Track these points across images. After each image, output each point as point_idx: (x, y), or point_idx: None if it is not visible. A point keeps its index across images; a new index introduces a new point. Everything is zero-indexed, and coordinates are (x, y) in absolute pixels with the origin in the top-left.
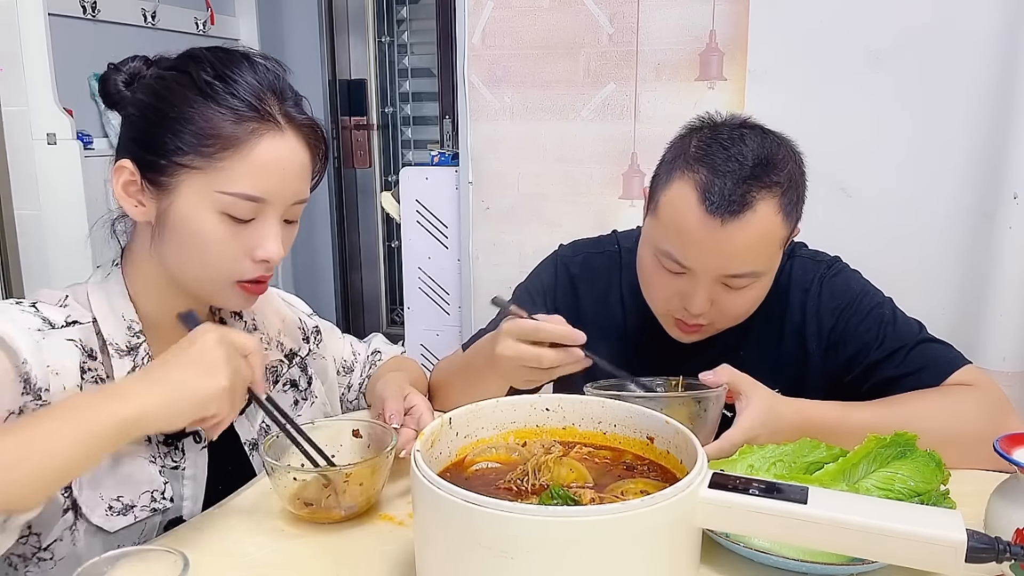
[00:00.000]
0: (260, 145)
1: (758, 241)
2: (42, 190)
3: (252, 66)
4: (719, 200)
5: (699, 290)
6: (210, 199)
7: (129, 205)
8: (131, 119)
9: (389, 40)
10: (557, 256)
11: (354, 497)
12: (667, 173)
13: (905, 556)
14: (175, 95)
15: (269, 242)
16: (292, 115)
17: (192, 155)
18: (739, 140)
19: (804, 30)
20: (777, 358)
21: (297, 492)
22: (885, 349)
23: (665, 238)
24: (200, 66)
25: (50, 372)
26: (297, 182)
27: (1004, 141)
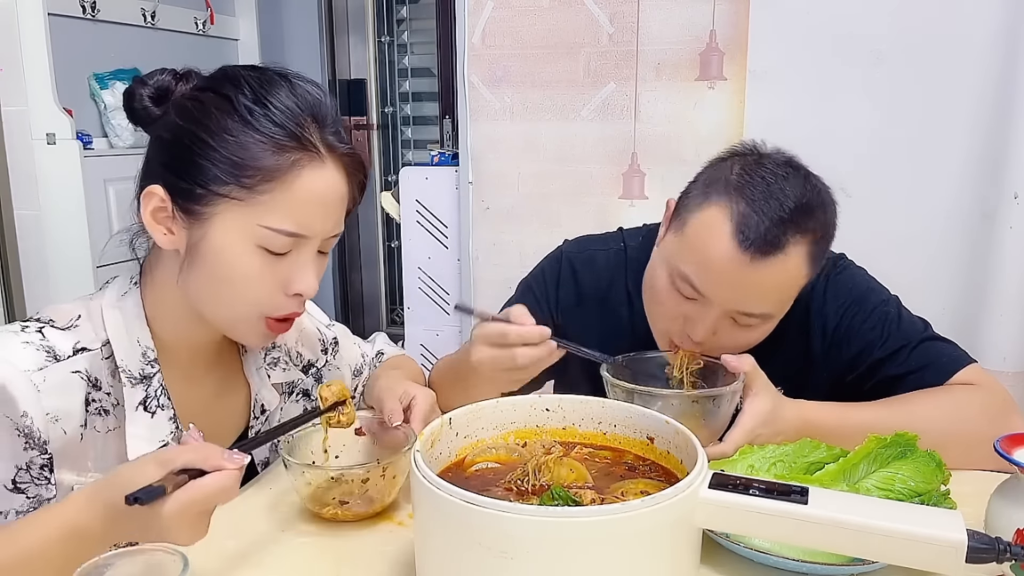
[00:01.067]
0: (302, 177)
1: (781, 285)
2: (42, 190)
3: (291, 88)
4: (754, 237)
5: (707, 320)
6: (250, 232)
7: (158, 233)
8: (162, 142)
9: (389, 40)
10: (562, 251)
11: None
12: (702, 195)
13: (905, 556)
14: (213, 120)
15: (306, 276)
16: (333, 144)
17: (232, 185)
18: (783, 179)
19: (804, 30)
20: (781, 355)
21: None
22: (889, 347)
23: (687, 261)
24: (239, 89)
25: (49, 420)
26: (336, 215)
27: (1004, 141)
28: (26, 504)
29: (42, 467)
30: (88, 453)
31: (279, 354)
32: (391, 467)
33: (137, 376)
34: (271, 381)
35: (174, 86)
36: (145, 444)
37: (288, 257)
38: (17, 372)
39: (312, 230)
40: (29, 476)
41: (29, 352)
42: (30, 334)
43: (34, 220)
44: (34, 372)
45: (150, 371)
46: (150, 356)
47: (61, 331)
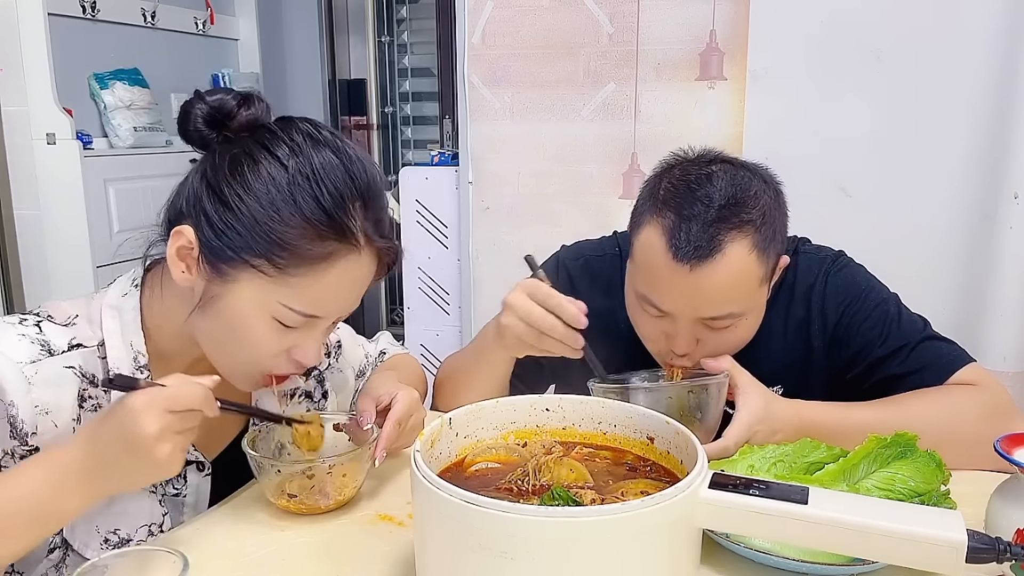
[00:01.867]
0: (335, 267)
1: (731, 284)
2: (42, 190)
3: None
4: (685, 246)
5: (680, 332)
6: (269, 305)
7: (177, 270)
8: (208, 185)
9: (389, 40)
10: (558, 258)
11: (337, 488)
12: (639, 216)
13: (905, 556)
14: (263, 186)
15: (310, 350)
16: (372, 237)
17: (263, 260)
18: (706, 180)
19: (804, 30)
20: (781, 353)
21: (280, 484)
22: (888, 346)
23: (640, 283)
24: (294, 155)
25: (39, 412)
26: (356, 298)
27: (1004, 141)
28: None
29: (22, 457)
30: None
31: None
32: (340, 466)
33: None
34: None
35: (235, 111)
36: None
37: (299, 330)
38: (9, 363)
39: (329, 313)
40: (13, 463)
41: (24, 345)
42: (27, 327)
43: (34, 220)
44: (26, 364)
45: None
46: (141, 361)
47: (58, 327)
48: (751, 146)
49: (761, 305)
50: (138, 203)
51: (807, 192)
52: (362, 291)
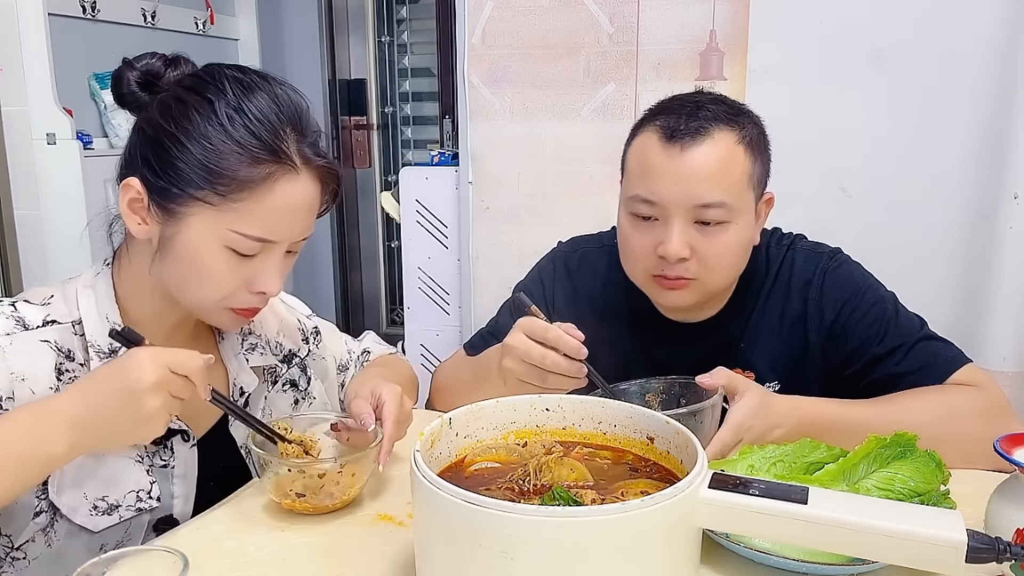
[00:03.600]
0: (275, 189)
1: (721, 167)
2: (42, 190)
3: (273, 96)
4: (681, 129)
5: (674, 231)
6: (219, 234)
7: (132, 223)
8: (144, 136)
9: (389, 40)
10: (556, 252)
11: (344, 488)
12: (629, 141)
13: (905, 556)
14: (193, 124)
15: (270, 278)
16: (308, 157)
17: (207, 191)
18: (695, 94)
19: (804, 29)
20: (778, 349)
21: (289, 483)
22: (886, 345)
23: (634, 184)
24: (221, 93)
25: (15, 379)
26: (305, 221)
27: (1004, 141)
28: None
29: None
30: None
31: (256, 340)
32: (350, 465)
33: (106, 351)
34: (249, 365)
35: (163, 72)
36: None
37: (255, 258)
38: None
39: (280, 236)
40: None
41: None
42: (3, 307)
43: (34, 220)
44: (1, 336)
45: (117, 345)
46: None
47: (33, 306)
48: None
49: (748, 213)
50: None
51: (807, 192)
52: (310, 215)
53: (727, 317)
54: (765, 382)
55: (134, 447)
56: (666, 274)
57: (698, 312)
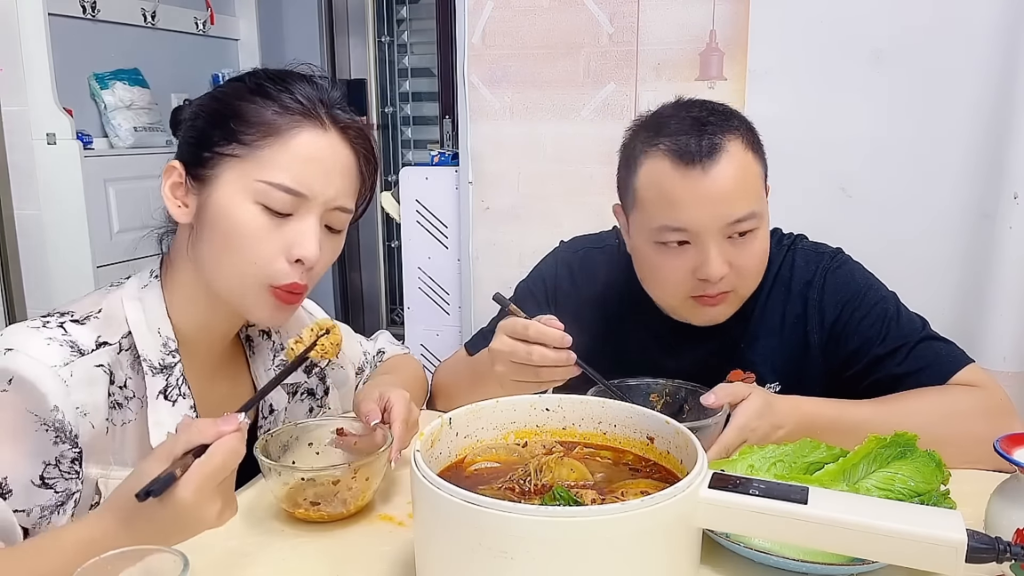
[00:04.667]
0: (301, 136)
1: (743, 177)
2: (42, 190)
3: (310, 81)
4: (694, 151)
5: (711, 251)
6: (249, 188)
7: (173, 206)
8: (187, 124)
9: (389, 40)
10: (558, 252)
11: (356, 494)
12: (630, 167)
13: (905, 556)
14: (226, 94)
15: (307, 241)
16: (338, 116)
17: (233, 144)
18: (684, 107)
19: (804, 29)
20: (778, 350)
21: (300, 491)
22: (888, 345)
23: (657, 216)
24: (256, 74)
25: (79, 414)
26: (339, 182)
27: (1004, 141)
28: (53, 499)
29: (72, 461)
30: (110, 446)
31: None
32: (364, 469)
33: (157, 366)
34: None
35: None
36: (167, 432)
37: (291, 221)
38: (45, 368)
39: (311, 189)
40: (58, 471)
41: (54, 348)
42: (52, 329)
43: (34, 220)
44: (61, 367)
45: (171, 361)
46: (171, 346)
47: (81, 324)
48: None
49: (767, 214)
50: (138, 203)
51: (807, 192)
52: (342, 175)
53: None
54: (766, 383)
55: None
56: (708, 292)
57: None
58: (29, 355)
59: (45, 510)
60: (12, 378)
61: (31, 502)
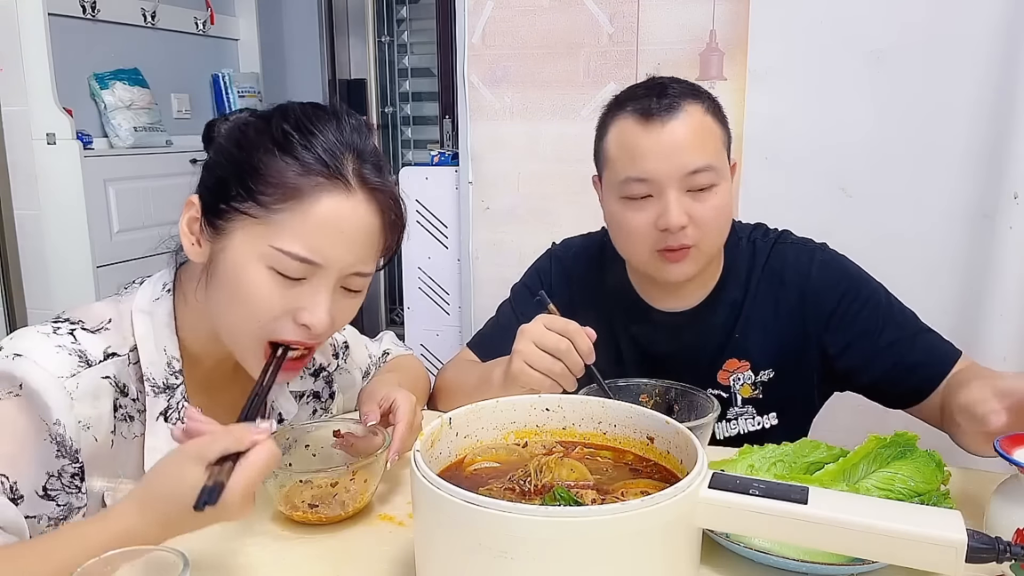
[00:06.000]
0: (322, 202)
1: (700, 133)
2: (42, 190)
3: (337, 123)
4: (654, 108)
5: (671, 201)
6: (262, 251)
7: (188, 243)
8: (208, 160)
9: (389, 40)
10: (552, 251)
11: (354, 496)
12: (601, 135)
13: (905, 556)
14: (250, 141)
15: (317, 309)
16: (366, 177)
17: (250, 202)
18: (652, 80)
19: (804, 29)
20: (772, 339)
21: (297, 493)
22: (886, 338)
23: (621, 169)
24: (283, 116)
25: (81, 428)
26: (359, 250)
27: (1004, 141)
28: (56, 511)
29: (73, 476)
30: (117, 459)
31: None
32: (362, 471)
33: (161, 385)
34: (289, 389)
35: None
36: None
37: (303, 285)
38: (51, 378)
39: (326, 259)
40: (60, 484)
41: (62, 357)
42: (62, 336)
43: (34, 220)
44: (67, 379)
45: (174, 382)
46: (175, 367)
47: (92, 334)
48: (751, 146)
49: (728, 177)
50: (138, 203)
51: (807, 192)
52: (365, 243)
53: (712, 305)
54: (760, 370)
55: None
56: (670, 245)
57: (685, 299)
58: (37, 363)
59: (51, 520)
60: (22, 384)
61: (38, 510)
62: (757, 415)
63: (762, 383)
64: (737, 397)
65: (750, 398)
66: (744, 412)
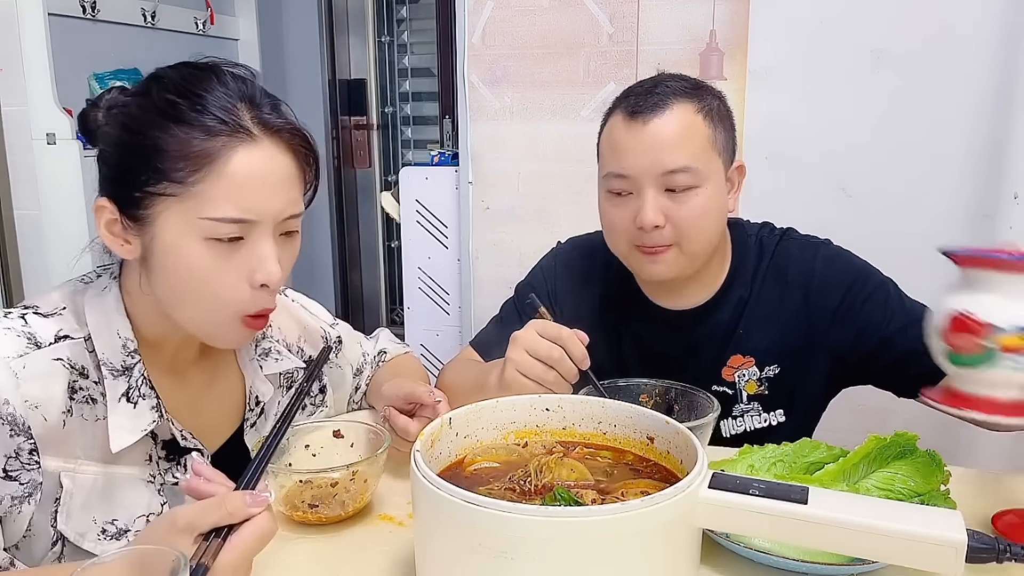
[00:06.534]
0: (234, 159)
1: (681, 134)
2: (42, 190)
3: (219, 78)
4: (641, 105)
5: (646, 199)
6: (192, 226)
7: (115, 245)
8: (102, 155)
9: (389, 40)
10: (556, 250)
11: (354, 496)
12: (600, 130)
13: (905, 556)
14: (138, 121)
15: (266, 264)
16: (268, 120)
17: (165, 182)
18: (656, 76)
19: (805, 30)
20: (777, 335)
21: (297, 493)
22: (896, 324)
23: (606, 163)
24: (161, 87)
25: (28, 407)
26: (284, 193)
27: (1004, 141)
28: (20, 490)
29: (31, 452)
30: (74, 440)
31: (269, 344)
32: (362, 471)
33: (119, 368)
34: (264, 372)
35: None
36: (128, 434)
37: (243, 246)
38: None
39: (257, 212)
40: (19, 463)
41: (10, 338)
42: (12, 320)
43: (34, 220)
44: (13, 359)
45: (131, 362)
46: (130, 347)
47: (44, 317)
48: (751, 146)
49: (716, 179)
50: None
51: (807, 192)
52: (287, 187)
53: (718, 304)
54: (765, 367)
55: (146, 467)
56: (646, 243)
57: (690, 298)
58: None
59: (15, 499)
60: None
61: (1, 492)
62: (763, 412)
63: (767, 379)
64: (743, 394)
65: (756, 395)
66: (750, 409)
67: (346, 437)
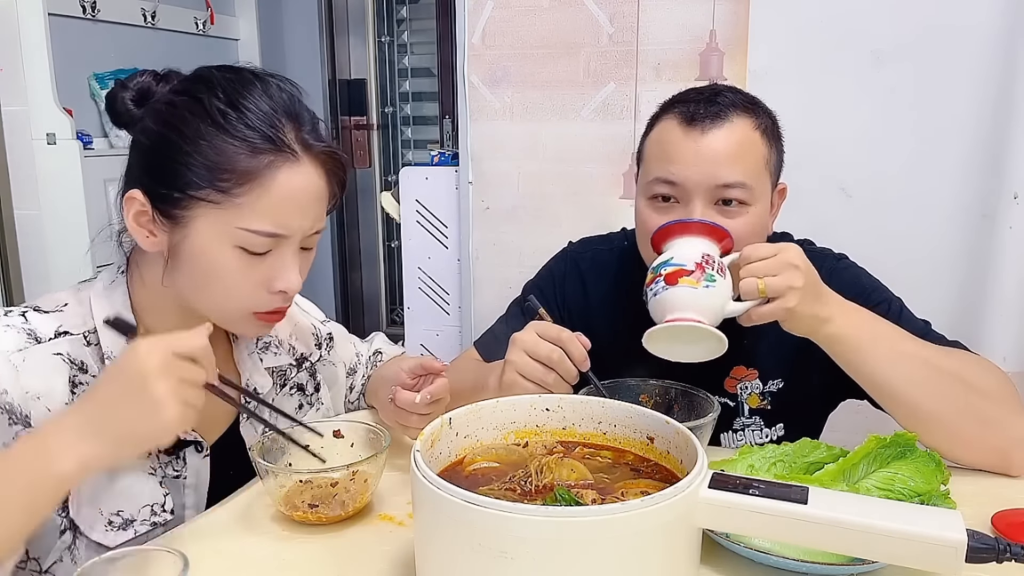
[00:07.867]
0: (277, 179)
1: (740, 149)
2: (42, 190)
3: (265, 89)
4: (701, 114)
5: (695, 208)
6: (228, 234)
7: (140, 236)
8: (140, 147)
9: (389, 40)
10: (567, 252)
11: (354, 496)
12: (648, 131)
13: (905, 556)
14: (187, 125)
15: (288, 274)
16: (309, 143)
17: (208, 189)
18: (711, 86)
19: (805, 30)
20: (781, 346)
21: (298, 493)
22: None
23: (653, 168)
24: (212, 92)
25: (30, 398)
26: (315, 212)
27: (1004, 141)
28: None
29: None
30: None
31: (270, 339)
32: (362, 471)
33: None
34: (264, 365)
35: (155, 87)
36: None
37: (269, 256)
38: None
39: (290, 229)
40: None
41: (10, 335)
42: (12, 318)
43: (34, 220)
44: (13, 353)
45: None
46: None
47: (44, 315)
48: None
49: (765, 199)
50: None
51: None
52: (318, 205)
53: None
54: (768, 379)
55: (147, 458)
56: None
57: None
58: None
59: None
60: None
61: None
62: (765, 427)
63: (770, 393)
64: (744, 407)
65: (758, 408)
66: (751, 423)
67: (346, 437)
